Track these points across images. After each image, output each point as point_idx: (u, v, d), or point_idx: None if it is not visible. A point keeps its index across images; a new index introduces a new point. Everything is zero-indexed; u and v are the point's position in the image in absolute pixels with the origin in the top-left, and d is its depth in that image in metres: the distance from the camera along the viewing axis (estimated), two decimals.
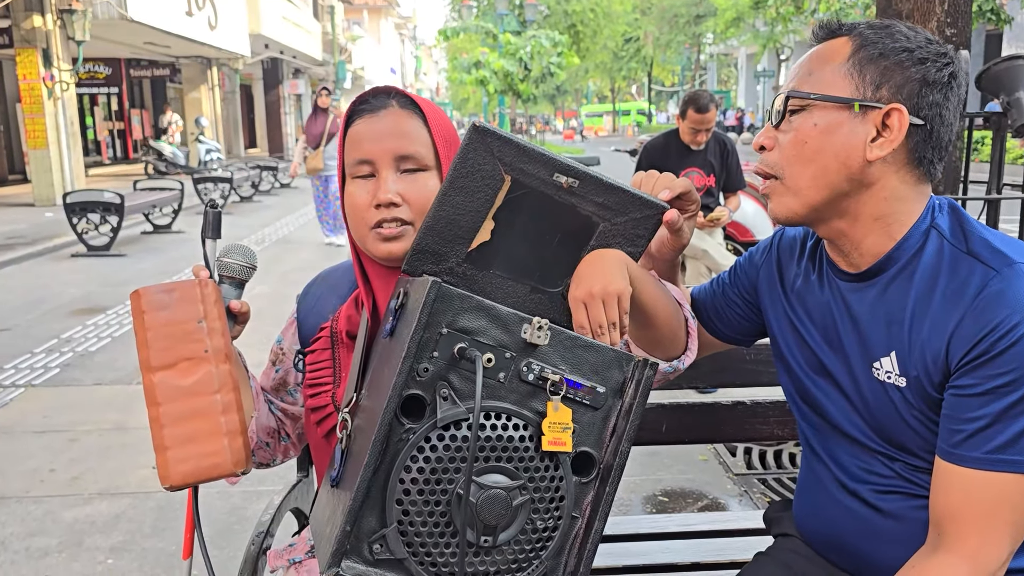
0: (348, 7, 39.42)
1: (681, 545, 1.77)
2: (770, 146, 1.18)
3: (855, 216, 1.15)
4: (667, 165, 4.62)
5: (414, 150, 1.21)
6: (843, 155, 1.12)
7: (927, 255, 1.13)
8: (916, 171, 1.14)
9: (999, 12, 12.27)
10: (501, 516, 0.97)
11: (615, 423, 1.05)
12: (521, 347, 1.01)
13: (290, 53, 25.59)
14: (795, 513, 1.38)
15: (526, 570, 1.02)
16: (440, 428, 0.97)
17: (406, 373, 0.96)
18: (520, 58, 21.08)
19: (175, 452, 1.08)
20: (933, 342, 1.10)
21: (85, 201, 9.08)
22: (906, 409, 1.14)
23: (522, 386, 1.01)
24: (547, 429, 1.00)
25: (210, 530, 2.94)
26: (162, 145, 19.05)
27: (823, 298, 1.25)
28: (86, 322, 6.05)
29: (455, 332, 0.98)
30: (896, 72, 1.10)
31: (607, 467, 1.05)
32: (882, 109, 1.10)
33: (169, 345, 1.10)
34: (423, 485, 0.96)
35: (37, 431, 3.97)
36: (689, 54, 41.41)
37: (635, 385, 1.05)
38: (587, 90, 59.62)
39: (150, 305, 1.12)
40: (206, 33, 17.08)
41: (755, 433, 1.77)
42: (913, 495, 1.17)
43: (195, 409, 1.09)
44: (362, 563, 0.96)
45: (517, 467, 0.99)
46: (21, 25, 12.49)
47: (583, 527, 1.05)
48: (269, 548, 1.49)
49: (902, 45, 1.11)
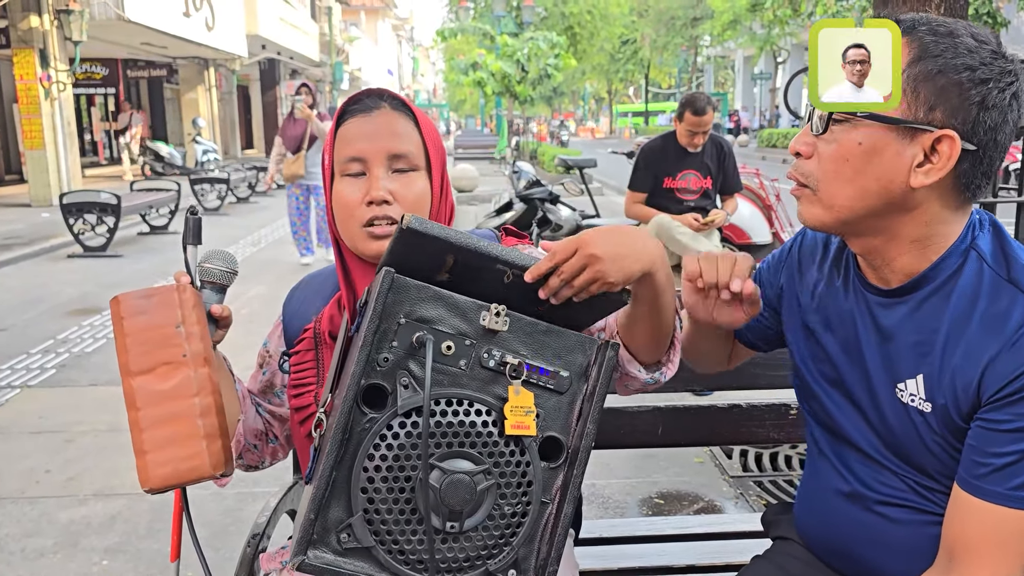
0: (345, 8, 39.41)
1: (677, 548, 1.77)
2: (807, 154, 1.10)
3: (891, 236, 1.09)
4: (664, 167, 4.63)
5: (406, 150, 1.24)
6: (885, 179, 1.03)
7: (965, 277, 1.07)
8: (962, 195, 1.06)
9: (995, 15, 12.28)
10: (466, 501, 0.98)
11: (580, 406, 1.06)
12: (481, 334, 1.02)
13: (287, 54, 25.58)
14: (797, 517, 1.35)
15: (496, 557, 1.02)
16: (402, 416, 0.98)
17: (363, 362, 0.97)
18: (517, 60, 21.06)
19: (154, 456, 1.09)
20: (966, 371, 1.05)
21: (82, 202, 9.08)
22: (928, 433, 1.10)
23: (484, 372, 1.02)
24: (509, 413, 1.00)
25: (205, 532, 2.93)
26: (159, 145, 19.03)
27: (846, 306, 1.20)
28: (82, 323, 6.04)
29: (413, 322, 0.99)
30: (954, 94, 1.00)
31: (574, 451, 1.05)
32: (933, 133, 1.00)
33: (147, 350, 1.11)
34: (387, 473, 0.97)
35: (33, 432, 3.96)
36: (686, 56, 41.45)
37: (598, 367, 1.06)
38: (584, 92, 59.62)
39: (128, 311, 1.12)
40: (203, 34, 17.07)
41: (751, 436, 1.77)
42: (924, 511, 1.15)
43: (173, 412, 1.10)
44: (330, 553, 0.97)
45: (481, 452, 1.00)
46: (18, 25, 12.47)
47: (553, 512, 1.05)
48: (264, 550, 1.49)
49: (964, 62, 0.99)
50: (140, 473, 1.09)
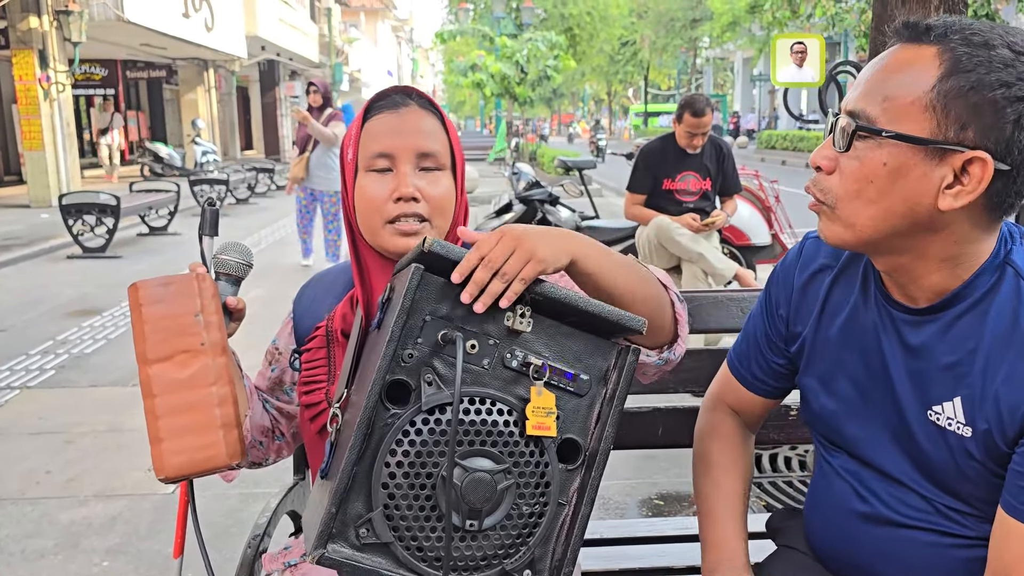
0: (345, 9, 39.41)
1: (677, 549, 1.77)
2: (829, 169, 1.03)
3: (918, 255, 1.02)
4: (664, 169, 4.64)
5: (435, 148, 1.25)
6: (912, 200, 0.97)
7: (1003, 295, 1.01)
8: (993, 214, 0.99)
9: (994, 18, 12.31)
10: (486, 500, 0.98)
11: (600, 410, 1.06)
12: (504, 334, 1.02)
13: (287, 55, 25.57)
14: (809, 532, 1.29)
15: (512, 556, 1.02)
16: (425, 412, 0.98)
17: (390, 357, 0.97)
18: (517, 61, 21.08)
19: (170, 444, 1.08)
20: (1012, 394, 0.99)
21: (81, 203, 9.07)
22: (964, 459, 1.04)
23: (506, 372, 1.02)
24: (531, 414, 1.01)
25: (206, 532, 2.91)
26: (158, 146, 19.02)
27: (867, 319, 1.13)
28: (82, 324, 6.04)
29: (439, 319, 1.00)
30: (987, 112, 0.92)
31: (592, 453, 1.06)
32: (964, 154, 0.94)
33: (166, 338, 1.11)
34: (408, 469, 0.97)
35: (33, 433, 3.96)
36: (685, 58, 41.44)
37: (618, 372, 1.06)
38: (584, 93, 59.64)
39: (147, 298, 1.12)
40: (203, 35, 17.07)
41: None
42: (952, 534, 1.09)
43: (191, 401, 1.09)
44: (348, 547, 0.97)
45: (502, 451, 1.00)
46: (17, 26, 12.47)
47: (570, 514, 1.06)
48: (266, 551, 1.49)
49: (999, 78, 0.92)
50: (155, 461, 1.08)
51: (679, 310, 1.21)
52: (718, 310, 1.70)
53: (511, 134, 21.54)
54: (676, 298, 1.21)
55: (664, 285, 1.20)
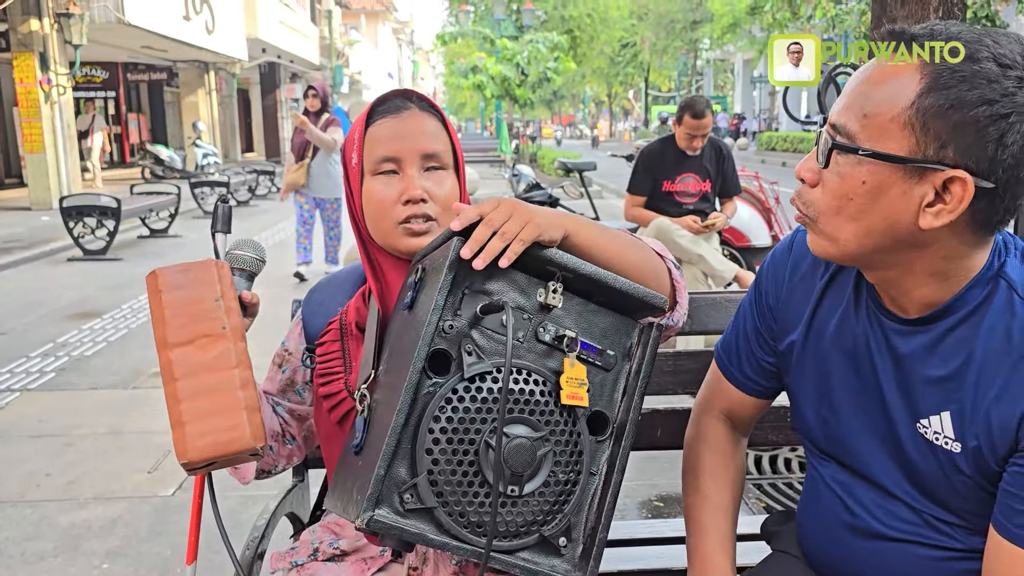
0: (346, 12, 39.46)
1: (677, 550, 1.76)
2: (812, 181, 1.01)
3: (906, 270, 1.00)
4: (664, 171, 4.64)
5: (438, 149, 1.28)
6: (892, 219, 0.95)
7: (995, 308, 0.98)
8: (981, 230, 0.96)
9: (994, 19, 12.30)
10: (527, 465, 1.01)
11: (625, 384, 1.11)
12: (537, 309, 1.07)
13: (287, 57, 25.60)
14: (802, 539, 1.28)
15: (550, 523, 1.06)
16: (467, 381, 1.01)
17: (434, 326, 1.00)
18: (517, 63, 21.11)
19: (193, 427, 1.07)
20: (1003, 411, 0.97)
21: (81, 205, 9.08)
22: (954, 473, 1.02)
23: (539, 346, 1.06)
24: (565, 384, 1.04)
25: (206, 534, 2.92)
26: (159, 149, 19.03)
27: (858, 326, 1.11)
28: (82, 326, 6.04)
29: (476, 292, 1.04)
30: (968, 131, 0.89)
31: (620, 425, 1.10)
32: (944, 173, 0.90)
33: (187, 323, 1.11)
34: (452, 435, 1.00)
35: (33, 435, 3.96)
36: (686, 60, 41.49)
37: (642, 347, 1.11)
38: (584, 95, 59.67)
39: (167, 285, 1.12)
40: (203, 37, 17.09)
41: (750, 439, 1.77)
42: (942, 547, 1.08)
43: (213, 384, 1.09)
44: (392, 513, 0.99)
45: (539, 420, 1.03)
46: (18, 29, 12.48)
47: (600, 484, 1.09)
48: (264, 552, 1.49)
49: (982, 95, 0.88)
50: (177, 446, 1.07)
51: (676, 276, 1.23)
52: (717, 312, 1.70)
53: (511, 136, 21.56)
54: (672, 265, 1.24)
55: (660, 255, 1.23)
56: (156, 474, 3.48)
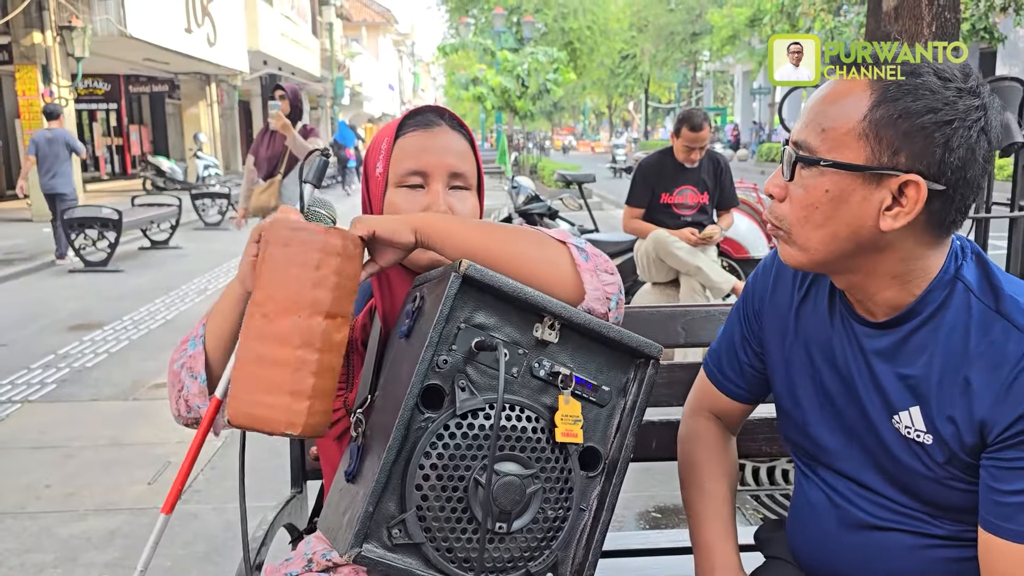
0: (347, 24, 39.58)
1: (674, 561, 1.77)
2: (780, 196, 1.09)
3: (869, 273, 1.08)
4: (662, 183, 4.66)
5: (465, 168, 1.29)
6: (855, 224, 1.03)
7: (953, 309, 1.06)
8: (937, 231, 1.04)
9: (992, 30, 12.34)
10: (516, 503, 1.02)
11: (619, 420, 1.11)
12: (533, 344, 1.07)
13: (289, 69, 25.67)
14: (792, 543, 1.32)
15: (537, 559, 1.06)
16: (459, 417, 1.01)
17: (428, 362, 1.00)
18: (517, 75, 21.15)
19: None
20: (965, 406, 1.04)
21: (83, 217, 9.11)
22: (931, 463, 1.09)
23: (533, 381, 1.06)
24: (559, 421, 1.05)
25: (204, 546, 2.94)
26: (160, 160, 19.07)
27: (833, 333, 1.18)
28: (83, 338, 6.06)
29: (472, 327, 1.04)
30: (917, 138, 0.98)
31: (612, 462, 1.10)
32: (899, 178, 0.99)
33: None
34: (442, 471, 1.00)
35: (33, 447, 3.97)
36: (685, 71, 41.58)
37: (637, 384, 1.11)
38: (584, 107, 59.79)
39: (277, 239, 1.09)
40: (205, 50, 17.16)
41: (745, 450, 1.77)
42: (927, 534, 1.13)
43: (270, 357, 1.04)
44: (380, 547, 1.00)
45: (529, 457, 1.04)
46: (21, 41, 12.55)
47: (590, 520, 1.10)
48: (263, 563, 1.50)
49: (926, 104, 0.97)
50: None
51: (579, 261, 1.16)
52: (713, 324, 1.71)
53: (512, 148, 21.59)
54: (576, 251, 1.18)
55: (562, 242, 1.19)
56: (156, 486, 3.48)
